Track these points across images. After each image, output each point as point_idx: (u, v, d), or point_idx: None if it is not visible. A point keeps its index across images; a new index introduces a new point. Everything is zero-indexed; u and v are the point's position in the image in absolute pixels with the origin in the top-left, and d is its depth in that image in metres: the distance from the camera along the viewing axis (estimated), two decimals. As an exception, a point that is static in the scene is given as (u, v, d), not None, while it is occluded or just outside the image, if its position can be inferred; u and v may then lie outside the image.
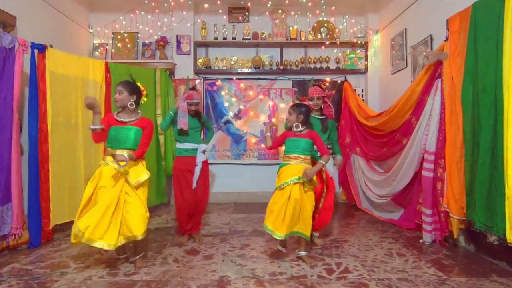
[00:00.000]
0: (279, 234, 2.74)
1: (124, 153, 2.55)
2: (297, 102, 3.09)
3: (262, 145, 5.48)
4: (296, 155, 2.83)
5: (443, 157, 3.18)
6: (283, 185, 2.78)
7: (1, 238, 2.97)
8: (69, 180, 3.56)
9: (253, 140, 5.49)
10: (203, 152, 3.48)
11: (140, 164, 2.73)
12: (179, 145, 3.45)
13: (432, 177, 3.28)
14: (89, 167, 3.80)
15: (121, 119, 2.68)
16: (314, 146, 2.89)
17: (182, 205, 3.34)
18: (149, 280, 2.46)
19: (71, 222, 3.58)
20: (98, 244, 2.43)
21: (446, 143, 3.14)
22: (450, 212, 3.06)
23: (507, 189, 2.38)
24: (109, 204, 2.50)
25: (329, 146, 3.27)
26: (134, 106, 2.70)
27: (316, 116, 3.37)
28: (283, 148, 3.01)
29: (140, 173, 2.68)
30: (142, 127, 2.70)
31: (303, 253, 2.85)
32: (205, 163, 3.51)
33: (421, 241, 3.30)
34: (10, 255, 2.96)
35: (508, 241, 2.38)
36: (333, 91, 3.52)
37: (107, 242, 2.45)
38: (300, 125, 2.86)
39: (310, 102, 3.38)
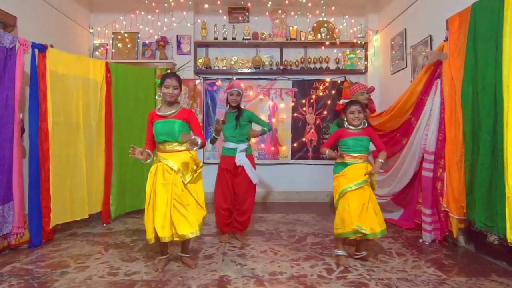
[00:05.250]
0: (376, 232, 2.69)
1: (171, 145, 2.61)
2: (352, 101, 2.96)
3: (262, 145, 5.48)
4: (361, 154, 2.81)
5: (442, 157, 3.18)
6: (355, 186, 2.74)
7: (2, 237, 2.97)
8: (70, 180, 3.57)
9: (253, 140, 5.49)
10: (245, 150, 3.39)
11: (191, 159, 2.67)
12: (224, 143, 3.46)
13: (431, 177, 3.29)
14: (90, 167, 3.81)
15: (163, 113, 2.66)
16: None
17: (220, 204, 3.38)
18: (149, 279, 2.47)
19: (72, 222, 3.63)
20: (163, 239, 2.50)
21: (446, 143, 3.14)
22: (450, 211, 3.07)
23: (507, 189, 2.38)
24: (166, 201, 2.52)
25: None
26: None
27: None
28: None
29: (189, 168, 2.65)
30: (186, 120, 2.67)
31: (365, 253, 2.84)
32: (250, 162, 3.41)
33: (420, 240, 3.31)
34: (10, 254, 2.96)
35: (508, 241, 2.38)
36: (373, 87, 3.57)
37: (163, 235, 2.48)
38: (366, 122, 2.87)
39: (360, 97, 3.36)
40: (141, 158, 2.59)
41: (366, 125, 2.87)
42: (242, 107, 3.50)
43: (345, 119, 2.90)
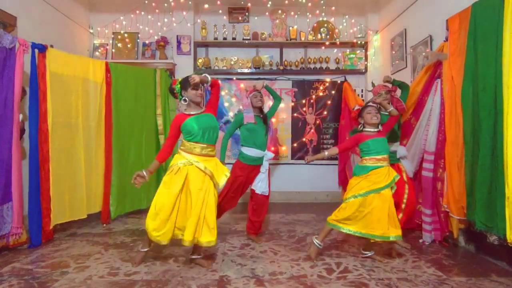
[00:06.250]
0: (394, 235, 2.71)
1: (207, 149, 2.65)
2: (367, 104, 3.04)
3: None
4: (383, 155, 2.82)
5: (443, 157, 3.18)
6: (376, 191, 2.73)
7: (1, 237, 2.96)
8: (70, 180, 3.57)
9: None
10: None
11: (221, 164, 2.75)
12: (245, 150, 3.34)
13: (432, 177, 3.28)
14: (89, 167, 3.81)
15: (195, 112, 2.67)
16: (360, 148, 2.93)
17: (227, 205, 3.40)
18: (149, 279, 2.47)
19: (72, 222, 3.63)
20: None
21: (446, 143, 3.14)
22: (450, 212, 3.06)
23: (507, 189, 2.38)
24: (200, 205, 2.54)
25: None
26: None
27: (384, 112, 3.21)
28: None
29: (221, 174, 2.68)
30: (212, 112, 2.80)
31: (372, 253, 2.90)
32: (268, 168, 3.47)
33: (420, 241, 3.31)
34: (10, 254, 2.96)
35: (508, 241, 2.38)
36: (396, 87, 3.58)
37: (187, 238, 2.51)
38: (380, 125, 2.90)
39: (380, 97, 3.33)
40: (143, 181, 2.58)
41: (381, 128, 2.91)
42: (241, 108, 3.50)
43: (362, 122, 2.92)
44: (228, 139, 3.48)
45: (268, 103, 5.49)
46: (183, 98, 2.66)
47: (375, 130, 2.87)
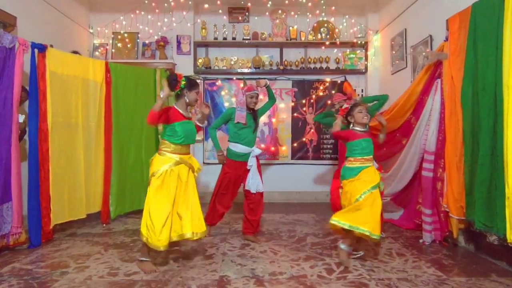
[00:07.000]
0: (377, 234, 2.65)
1: (188, 148, 2.79)
2: (356, 103, 3.04)
3: (262, 145, 5.47)
4: (371, 156, 2.82)
5: (442, 157, 3.18)
6: (371, 189, 2.69)
7: (1, 237, 2.96)
8: (69, 180, 3.57)
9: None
10: (256, 156, 3.42)
11: (194, 158, 2.88)
12: (232, 147, 3.36)
13: (431, 177, 3.28)
14: (89, 167, 3.81)
15: (186, 115, 2.75)
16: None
17: (220, 209, 3.41)
18: (149, 279, 2.46)
19: (71, 222, 3.63)
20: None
21: (446, 143, 3.14)
22: (450, 212, 3.06)
23: (507, 189, 2.38)
24: (189, 198, 2.70)
25: None
26: None
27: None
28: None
29: (195, 167, 2.82)
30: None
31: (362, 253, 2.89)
32: (258, 165, 3.45)
33: (421, 241, 3.31)
34: (10, 254, 2.96)
35: (508, 241, 2.38)
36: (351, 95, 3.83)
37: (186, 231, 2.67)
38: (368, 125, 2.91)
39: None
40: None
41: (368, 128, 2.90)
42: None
43: (352, 121, 2.89)
44: (215, 130, 3.49)
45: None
46: (185, 96, 2.72)
47: (364, 130, 2.86)
